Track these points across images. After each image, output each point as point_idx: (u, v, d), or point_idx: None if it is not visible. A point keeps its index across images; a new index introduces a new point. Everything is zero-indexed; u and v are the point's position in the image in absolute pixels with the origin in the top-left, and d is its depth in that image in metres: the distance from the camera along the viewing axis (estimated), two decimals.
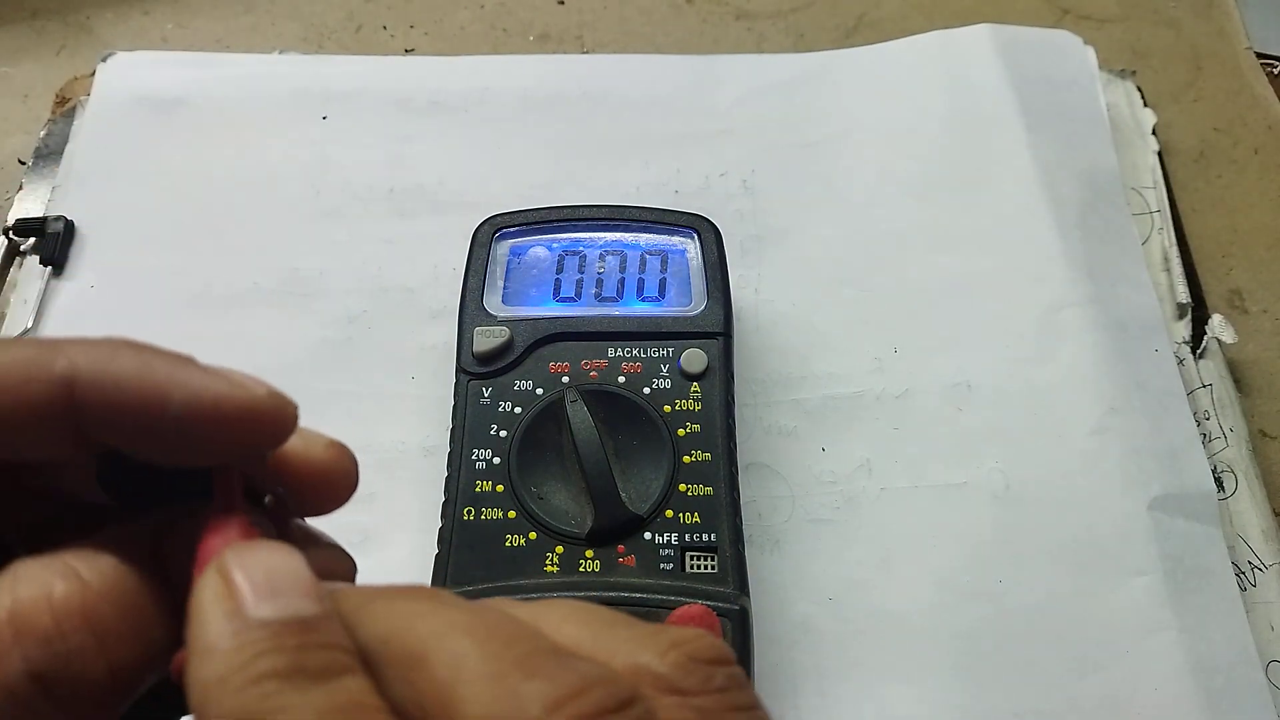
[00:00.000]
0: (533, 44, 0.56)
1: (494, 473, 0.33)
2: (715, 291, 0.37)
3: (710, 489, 0.33)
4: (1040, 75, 0.51)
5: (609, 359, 0.35)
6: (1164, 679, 0.37)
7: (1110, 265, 0.46)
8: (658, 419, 0.34)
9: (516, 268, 0.38)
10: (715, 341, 0.36)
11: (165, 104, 0.50)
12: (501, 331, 0.35)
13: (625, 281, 0.37)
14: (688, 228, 0.39)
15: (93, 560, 0.18)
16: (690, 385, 0.35)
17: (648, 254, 0.38)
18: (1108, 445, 0.41)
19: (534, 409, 0.34)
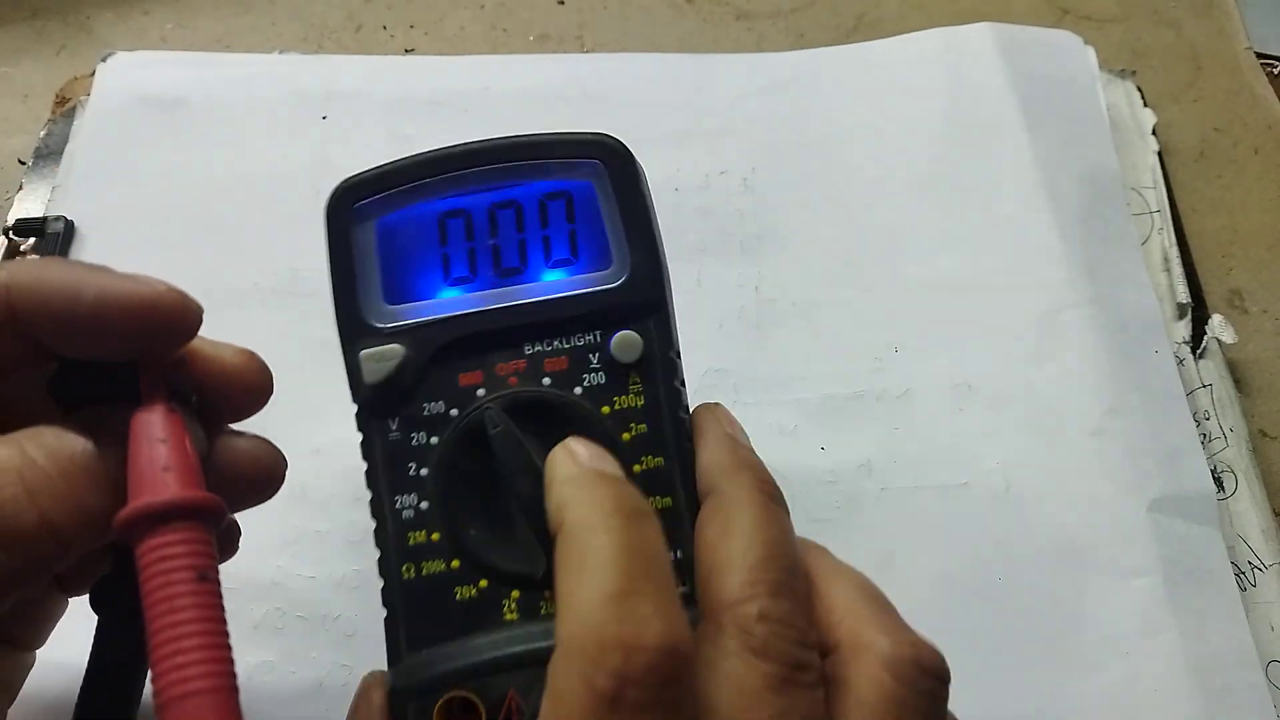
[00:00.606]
0: (533, 44, 0.56)
1: (424, 519, 0.29)
2: (638, 240, 0.29)
3: (669, 499, 0.28)
4: (1041, 75, 0.51)
5: (527, 357, 0.29)
6: (1163, 679, 0.37)
7: (1110, 265, 0.46)
8: (598, 425, 0.28)
9: (391, 250, 0.30)
10: (650, 319, 0.29)
11: (165, 104, 0.50)
12: (393, 351, 0.29)
13: (527, 244, 0.30)
14: (585, 157, 0.30)
15: (35, 435, 0.23)
16: (628, 377, 0.29)
17: (547, 198, 0.30)
18: (1108, 446, 0.41)
19: (451, 436, 0.29)
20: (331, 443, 0.41)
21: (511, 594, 0.28)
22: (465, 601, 0.28)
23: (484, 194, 0.30)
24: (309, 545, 0.39)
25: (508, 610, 0.28)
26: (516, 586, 0.28)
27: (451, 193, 0.30)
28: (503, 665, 0.27)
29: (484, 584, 0.28)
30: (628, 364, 0.29)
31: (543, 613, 0.28)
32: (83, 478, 0.23)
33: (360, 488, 0.42)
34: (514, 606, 0.28)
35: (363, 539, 0.39)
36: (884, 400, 0.43)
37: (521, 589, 0.28)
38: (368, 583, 0.38)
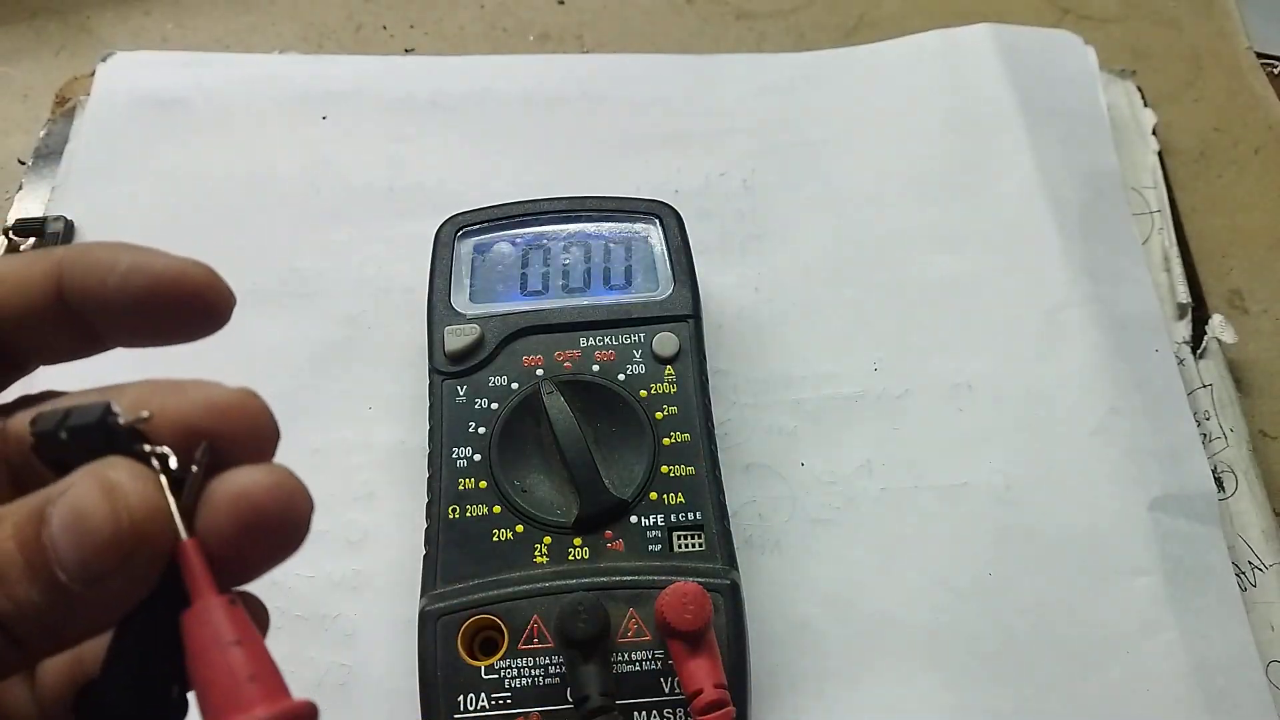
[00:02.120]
0: (533, 44, 0.56)
1: (476, 469, 0.33)
2: (681, 275, 0.38)
3: (692, 469, 0.33)
4: (1041, 75, 0.51)
5: (581, 349, 0.35)
6: (1164, 679, 0.37)
7: (1110, 265, 0.46)
8: (635, 404, 0.34)
9: (481, 265, 0.38)
10: (685, 324, 0.36)
11: (165, 104, 0.50)
12: (472, 329, 0.35)
13: (591, 271, 0.38)
14: (649, 214, 0.39)
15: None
16: (664, 369, 0.35)
17: (611, 243, 0.38)
18: (1108, 445, 0.41)
19: (511, 403, 0.34)
20: (331, 443, 0.41)
21: (544, 539, 0.32)
22: (501, 543, 0.32)
23: (563, 235, 0.39)
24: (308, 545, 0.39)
25: (538, 554, 0.32)
26: (549, 533, 0.32)
27: (537, 231, 0.39)
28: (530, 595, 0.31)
29: (520, 529, 0.33)
30: (665, 358, 0.35)
31: (570, 558, 0.32)
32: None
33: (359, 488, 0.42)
34: (544, 551, 0.32)
35: (362, 539, 0.39)
36: (884, 400, 0.43)
37: (553, 536, 0.32)
38: (367, 583, 0.38)
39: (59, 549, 0.20)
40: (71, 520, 0.20)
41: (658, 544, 0.32)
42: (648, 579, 0.31)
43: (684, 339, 0.36)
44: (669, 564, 0.32)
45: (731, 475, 0.41)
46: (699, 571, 0.32)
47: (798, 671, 0.37)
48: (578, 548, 0.32)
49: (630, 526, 0.32)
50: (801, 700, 0.37)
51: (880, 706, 0.37)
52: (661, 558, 0.32)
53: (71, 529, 0.20)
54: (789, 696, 0.37)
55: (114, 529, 0.20)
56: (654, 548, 0.32)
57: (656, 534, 0.32)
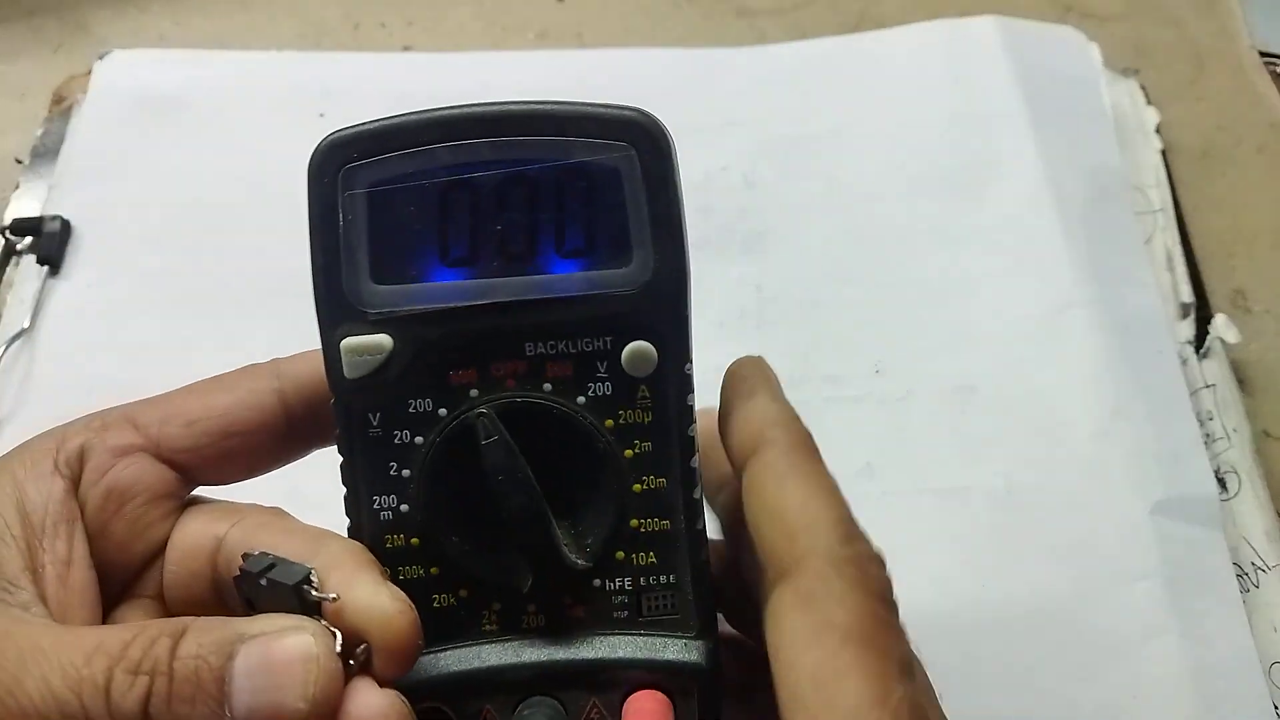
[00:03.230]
0: (532, 41, 0.55)
1: (403, 523, 0.27)
2: (664, 241, 0.26)
3: (667, 522, 0.27)
4: (1045, 70, 0.51)
5: (528, 359, 0.26)
6: (1165, 683, 0.37)
7: (1113, 264, 0.46)
8: (599, 439, 0.26)
9: (383, 221, 0.26)
10: (667, 324, 0.27)
11: (162, 102, 0.50)
12: (379, 344, 0.26)
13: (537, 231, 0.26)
14: (618, 138, 0.26)
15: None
16: (638, 390, 0.26)
17: (565, 178, 0.26)
18: (1110, 448, 0.41)
19: (438, 438, 0.26)
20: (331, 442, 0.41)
21: (492, 605, 0.27)
22: (444, 609, 0.27)
23: (495, 169, 0.26)
24: None
25: (487, 621, 0.27)
26: (498, 598, 0.27)
27: (458, 164, 0.26)
28: (479, 680, 0.26)
29: (464, 593, 0.27)
30: (639, 378, 0.26)
31: (523, 627, 0.27)
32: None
33: None
34: (494, 618, 0.27)
35: None
36: (885, 402, 0.42)
37: (503, 601, 0.27)
38: None
39: (237, 688, 0.22)
40: (262, 668, 0.22)
41: (625, 610, 0.27)
42: (610, 660, 0.26)
43: (665, 351, 0.26)
44: (636, 636, 0.27)
45: None
46: (665, 646, 0.27)
47: None
48: (532, 615, 0.27)
49: (593, 591, 0.27)
50: None
51: None
52: (628, 626, 0.27)
53: (259, 677, 0.22)
54: None
55: (299, 697, 0.22)
56: (620, 614, 0.27)
57: (624, 599, 0.27)
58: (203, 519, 0.27)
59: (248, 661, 0.22)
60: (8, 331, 0.44)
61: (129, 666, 0.21)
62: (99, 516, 0.25)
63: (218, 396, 0.28)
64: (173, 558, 0.26)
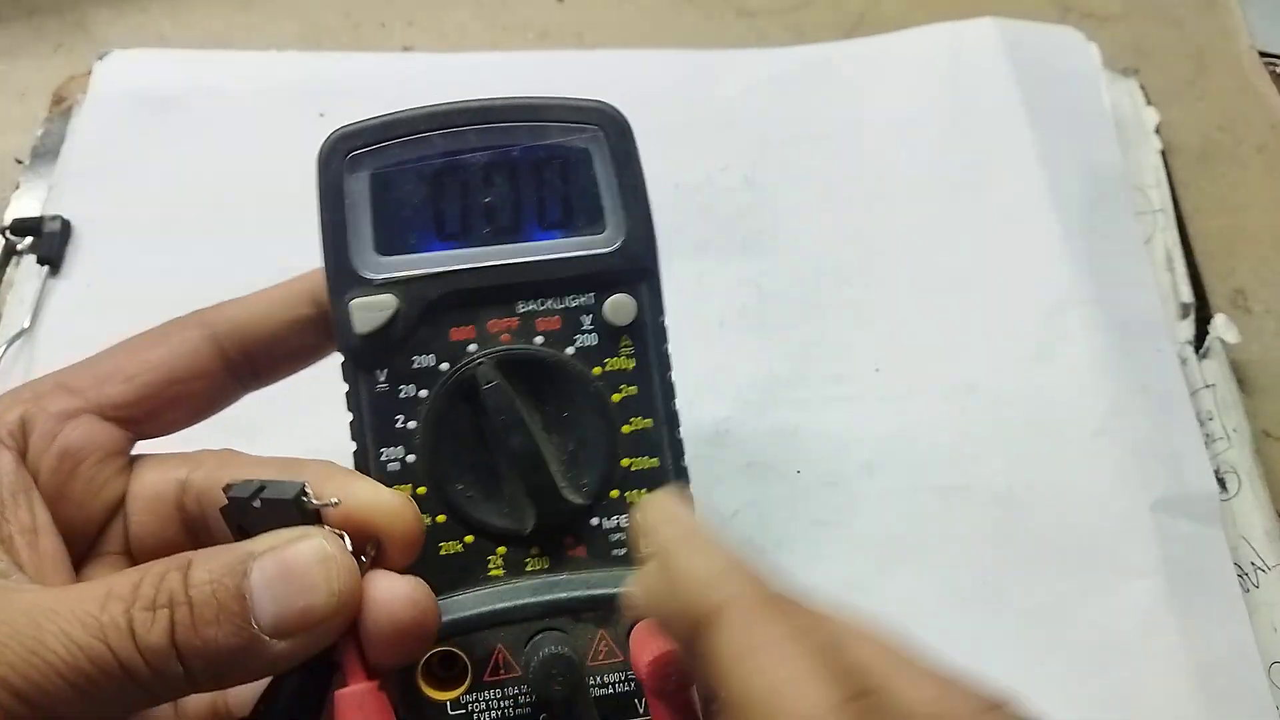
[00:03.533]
0: (532, 41, 0.55)
1: (410, 473, 0.29)
2: (633, 208, 0.30)
3: (655, 460, 0.29)
4: (1044, 71, 0.51)
5: (520, 315, 0.29)
6: (1165, 681, 0.37)
7: (1113, 264, 0.46)
8: (590, 385, 0.29)
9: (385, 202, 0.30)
10: (643, 283, 0.30)
11: (162, 102, 0.50)
12: (386, 302, 0.29)
13: (521, 205, 0.30)
14: (586, 123, 0.31)
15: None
16: (619, 339, 0.29)
17: (543, 163, 0.31)
18: (1110, 446, 0.41)
19: (441, 390, 0.29)
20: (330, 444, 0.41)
21: (497, 550, 0.29)
22: (450, 557, 0.28)
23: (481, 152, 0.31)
24: None
25: (493, 566, 0.29)
26: (502, 542, 0.29)
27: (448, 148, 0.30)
28: (490, 621, 0.28)
29: (469, 539, 0.29)
30: (620, 326, 0.29)
31: (528, 569, 0.29)
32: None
33: None
34: (499, 562, 0.29)
35: None
36: (886, 401, 0.42)
37: (507, 545, 0.29)
38: None
39: (259, 600, 0.22)
40: (283, 576, 0.22)
41: (623, 547, 0.29)
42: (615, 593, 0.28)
43: (641, 302, 0.29)
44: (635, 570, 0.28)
45: (733, 474, 0.41)
46: None
47: None
48: (535, 557, 0.29)
49: (592, 530, 0.29)
50: None
51: None
52: (627, 561, 0.29)
53: (281, 584, 0.22)
54: None
55: (325, 595, 0.23)
56: (618, 552, 0.29)
57: (620, 536, 0.29)
58: (158, 468, 0.27)
59: (264, 574, 0.22)
60: (8, 331, 0.44)
61: (145, 604, 0.22)
62: (54, 481, 0.26)
63: (151, 350, 0.28)
64: (136, 509, 0.27)
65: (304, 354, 0.30)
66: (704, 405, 0.42)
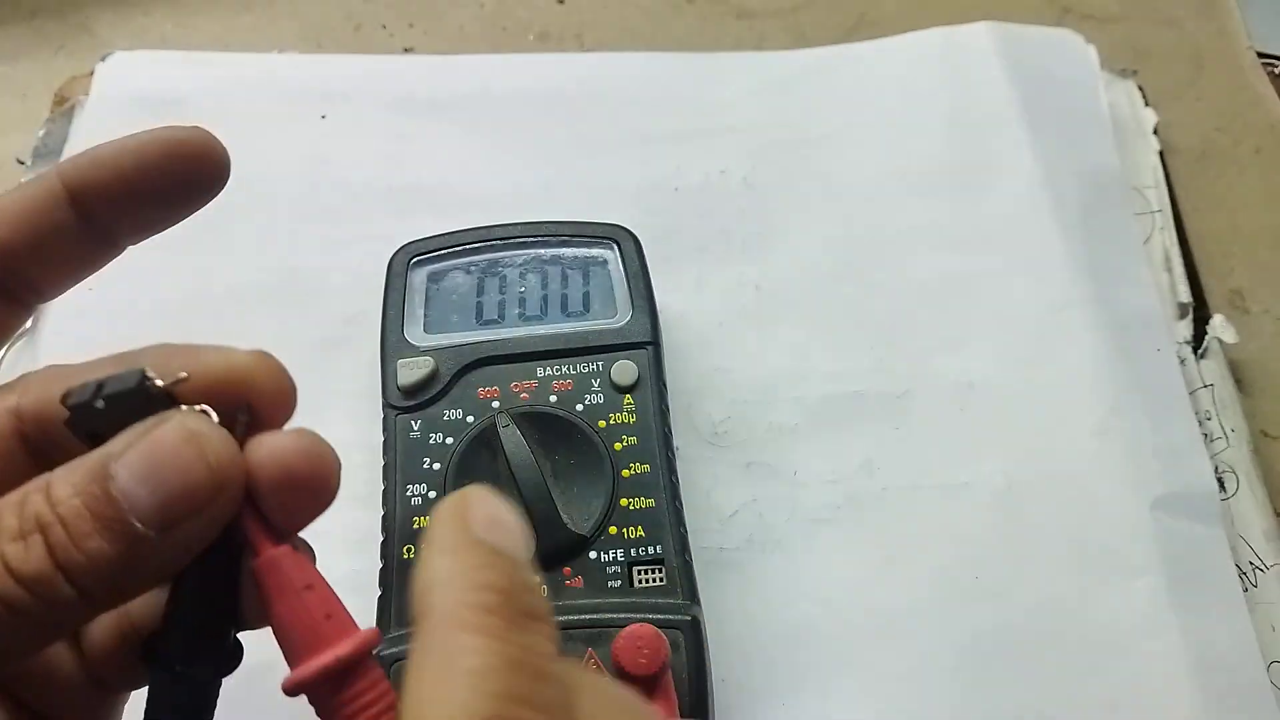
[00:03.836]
0: (532, 43, 0.56)
1: (430, 507, 0.32)
2: (639, 300, 0.37)
3: (652, 500, 0.32)
4: (1042, 74, 0.51)
5: (539, 379, 0.34)
6: (1165, 680, 0.37)
7: (1111, 265, 0.46)
8: (593, 435, 0.33)
9: (436, 294, 0.37)
10: (644, 351, 0.35)
11: (164, 104, 0.50)
12: (425, 362, 0.34)
13: (548, 298, 0.37)
14: (606, 238, 0.38)
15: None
16: (623, 398, 0.34)
17: (568, 268, 0.37)
18: (1109, 445, 0.41)
19: (466, 437, 0.33)
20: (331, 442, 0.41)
21: None
22: None
23: (519, 260, 0.38)
24: None
25: None
26: None
27: (493, 259, 0.38)
28: None
29: None
30: (624, 387, 0.34)
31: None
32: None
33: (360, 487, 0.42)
34: None
35: (362, 539, 0.39)
36: (884, 400, 0.43)
37: None
38: (368, 584, 0.38)
39: (133, 498, 0.20)
40: (151, 467, 0.20)
41: (617, 579, 0.31)
42: (606, 618, 0.30)
43: (643, 366, 0.35)
44: (629, 600, 0.31)
45: (732, 474, 0.41)
46: (659, 608, 0.31)
47: (798, 670, 0.37)
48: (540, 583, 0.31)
49: (589, 563, 0.32)
50: (802, 699, 0.36)
51: (880, 706, 0.37)
52: (621, 594, 0.31)
53: (152, 476, 0.20)
54: (789, 695, 0.36)
55: (202, 470, 0.21)
56: (613, 583, 0.31)
57: (616, 569, 0.32)
58: None
59: (131, 470, 0.20)
60: None
61: (12, 535, 0.20)
62: None
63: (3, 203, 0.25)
64: None
65: (58, 271, 0.26)
66: (703, 405, 0.42)
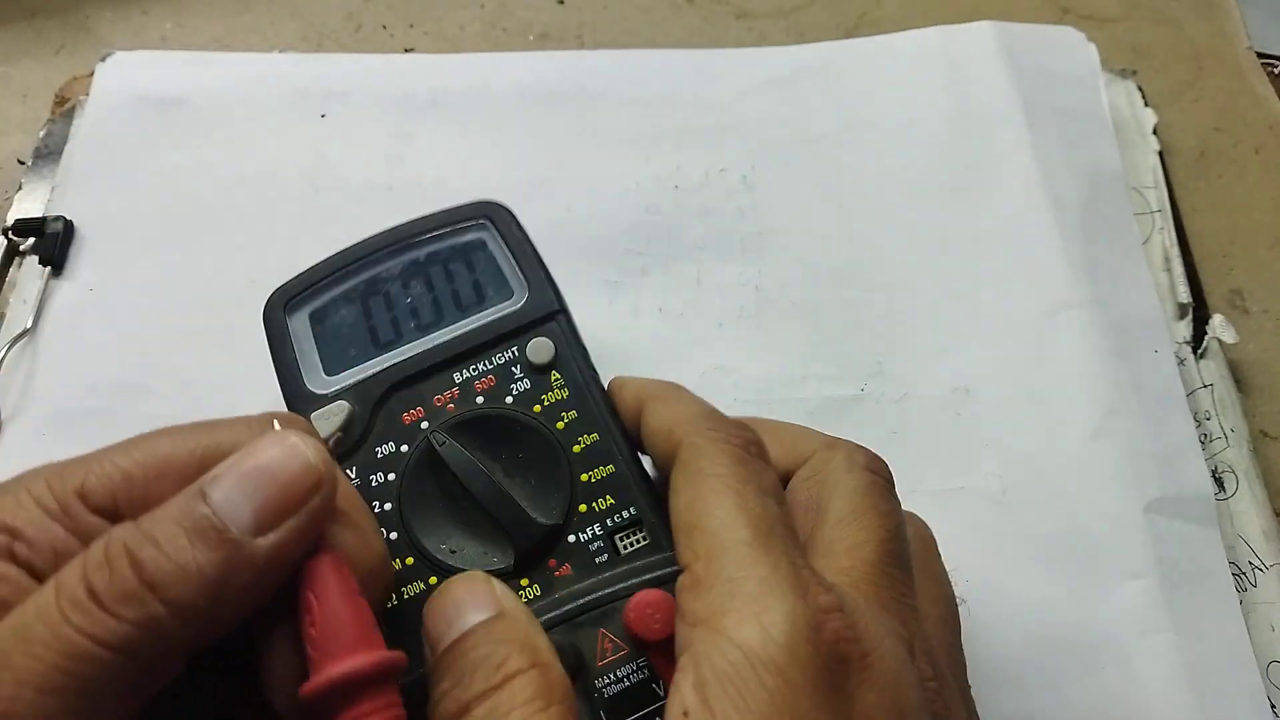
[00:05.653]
0: (532, 43, 0.56)
1: (396, 548, 0.31)
2: (531, 272, 0.34)
3: (611, 466, 0.31)
4: (1042, 73, 0.51)
5: (458, 384, 0.33)
6: (1160, 681, 0.37)
7: (1111, 265, 0.46)
8: (532, 422, 0.32)
9: (324, 334, 0.35)
10: (554, 322, 0.33)
11: (164, 103, 0.50)
12: (340, 407, 0.32)
13: (438, 300, 0.35)
14: (475, 219, 0.36)
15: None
16: (549, 376, 0.33)
17: (448, 262, 0.35)
18: (1106, 448, 0.41)
19: (405, 469, 0.32)
20: None
21: None
22: None
23: (395, 270, 0.35)
24: None
25: None
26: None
27: (367, 277, 0.35)
28: None
29: None
30: (545, 364, 0.33)
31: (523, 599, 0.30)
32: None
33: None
34: None
35: None
36: (882, 403, 0.43)
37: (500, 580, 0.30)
38: None
39: (228, 507, 0.21)
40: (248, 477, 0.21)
41: (603, 553, 0.31)
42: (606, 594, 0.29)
43: (557, 339, 0.33)
44: (621, 569, 0.30)
45: None
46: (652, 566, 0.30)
47: None
48: (527, 587, 0.30)
49: (570, 547, 0.31)
50: None
51: None
52: (611, 565, 0.30)
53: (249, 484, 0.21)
54: None
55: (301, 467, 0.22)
56: (600, 559, 0.31)
57: (599, 544, 0.31)
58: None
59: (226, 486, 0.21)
60: (10, 332, 0.44)
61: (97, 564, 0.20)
62: None
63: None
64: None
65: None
66: None
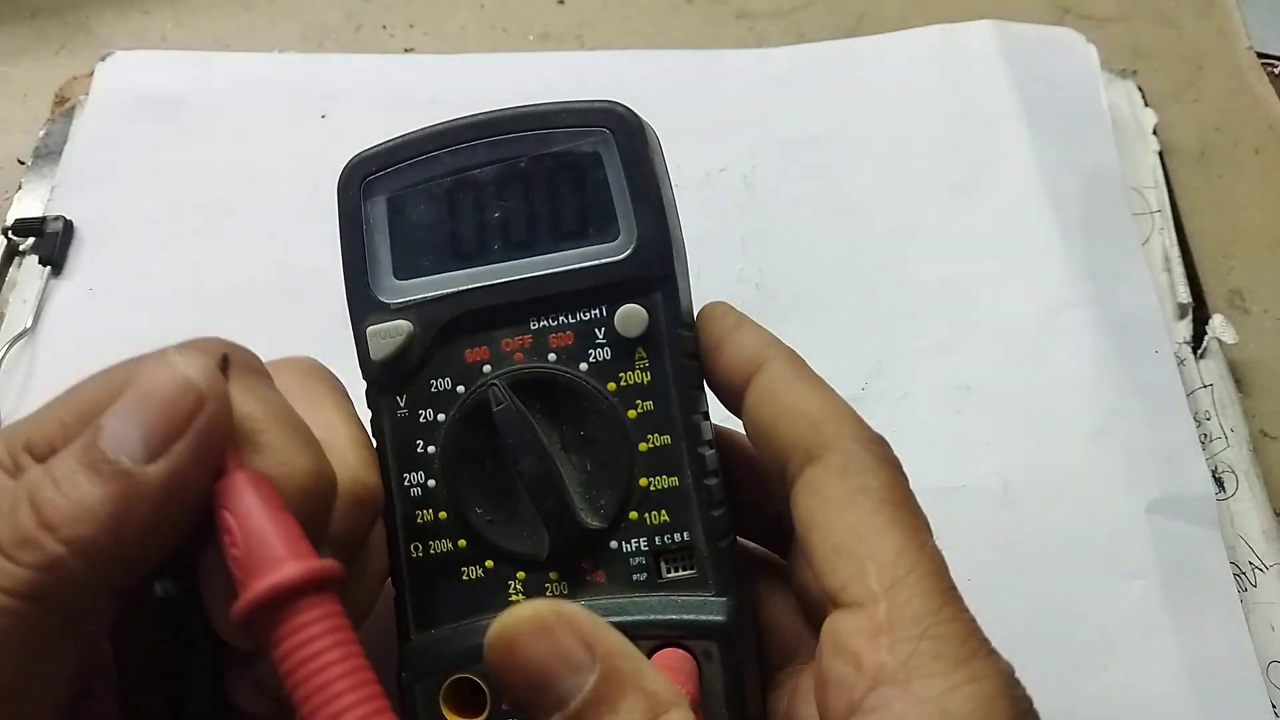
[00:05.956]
0: (533, 43, 0.56)
1: (431, 498, 0.28)
2: (645, 213, 0.28)
3: (675, 479, 0.27)
4: (1042, 73, 0.51)
5: (533, 332, 0.28)
6: (1161, 681, 0.37)
7: (1111, 265, 0.46)
8: (604, 402, 0.28)
9: (400, 226, 0.30)
10: (657, 292, 0.28)
11: (164, 103, 0.50)
12: (400, 328, 0.29)
13: (535, 218, 0.29)
14: (595, 125, 0.29)
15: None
16: (634, 351, 0.28)
17: (553, 171, 0.29)
18: (1107, 448, 0.41)
19: (457, 414, 0.28)
20: None
21: (517, 575, 0.28)
22: (472, 581, 0.28)
23: (491, 166, 0.29)
24: None
25: (513, 591, 0.28)
26: (522, 567, 0.28)
27: (459, 165, 0.30)
28: None
29: (490, 564, 0.28)
30: (633, 339, 0.28)
31: (547, 594, 0.28)
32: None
33: None
34: (519, 588, 0.28)
35: None
36: (882, 403, 0.43)
37: (526, 570, 0.28)
38: None
39: (118, 437, 0.20)
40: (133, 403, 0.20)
41: (643, 572, 0.27)
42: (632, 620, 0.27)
43: (655, 311, 0.28)
44: (655, 598, 0.27)
45: None
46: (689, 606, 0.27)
47: None
48: (555, 582, 0.28)
49: (610, 553, 0.28)
50: None
51: None
52: (648, 588, 0.27)
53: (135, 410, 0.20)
54: None
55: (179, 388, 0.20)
56: (638, 576, 0.27)
57: (640, 560, 0.28)
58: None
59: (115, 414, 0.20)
60: (10, 332, 0.44)
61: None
62: None
63: None
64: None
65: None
66: None
